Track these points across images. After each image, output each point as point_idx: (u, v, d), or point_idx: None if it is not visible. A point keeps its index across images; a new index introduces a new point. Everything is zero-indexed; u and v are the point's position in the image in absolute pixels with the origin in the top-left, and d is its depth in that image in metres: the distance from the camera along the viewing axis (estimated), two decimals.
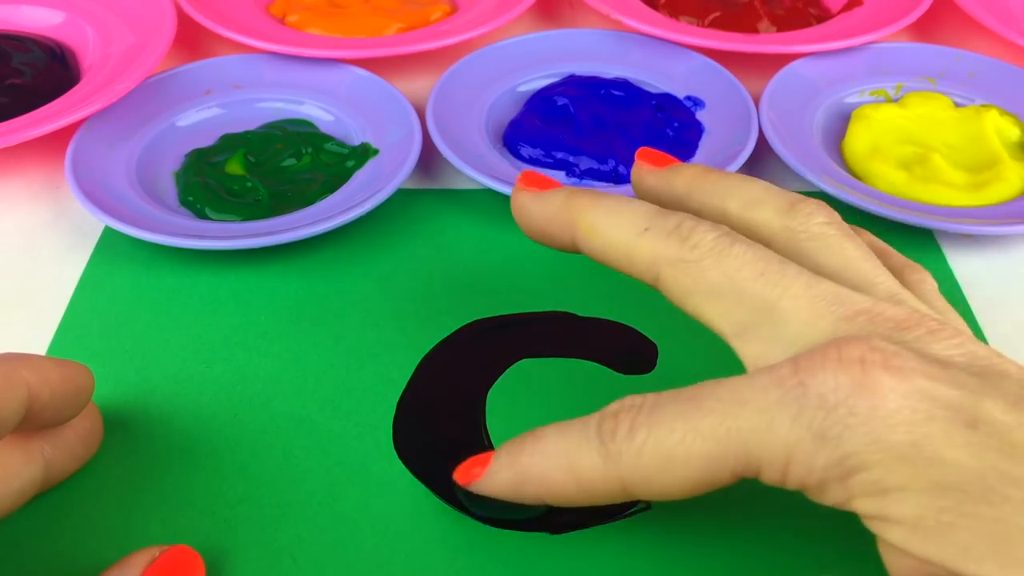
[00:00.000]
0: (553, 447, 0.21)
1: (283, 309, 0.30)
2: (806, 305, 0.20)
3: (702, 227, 0.21)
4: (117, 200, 0.32)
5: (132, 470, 0.25)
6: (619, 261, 0.23)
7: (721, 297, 0.21)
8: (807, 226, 0.22)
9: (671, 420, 0.19)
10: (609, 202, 0.23)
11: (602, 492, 0.20)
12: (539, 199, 0.24)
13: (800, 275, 0.20)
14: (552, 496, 0.21)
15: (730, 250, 0.21)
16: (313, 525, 0.24)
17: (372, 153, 0.35)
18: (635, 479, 0.19)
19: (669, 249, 0.21)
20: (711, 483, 0.19)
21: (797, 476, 0.18)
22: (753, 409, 0.18)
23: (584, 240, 0.23)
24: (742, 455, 0.18)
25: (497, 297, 0.31)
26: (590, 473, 0.20)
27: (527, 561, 0.23)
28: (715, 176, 0.24)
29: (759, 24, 0.43)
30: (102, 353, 0.28)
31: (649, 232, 0.22)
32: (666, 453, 0.19)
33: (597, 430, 0.20)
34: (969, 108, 0.38)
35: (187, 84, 0.38)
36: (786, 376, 0.18)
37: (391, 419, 0.27)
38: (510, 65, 0.40)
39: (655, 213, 0.22)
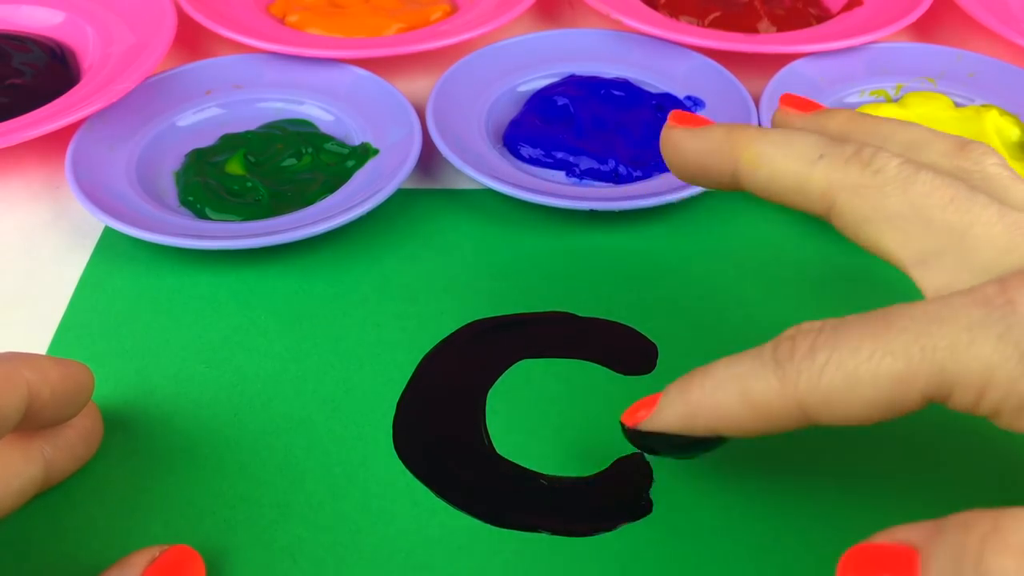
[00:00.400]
0: (724, 375, 0.20)
1: (283, 309, 0.30)
2: (1002, 233, 0.19)
3: (884, 153, 0.20)
4: (117, 200, 0.32)
5: (132, 470, 0.25)
6: (788, 191, 0.22)
7: (905, 224, 0.20)
8: (981, 166, 0.21)
9: (858, 339, 0.18)
10: (777, 133, 0.22)
11: (780, 417, 0.19)
12: (696, 133, 0.23)
13: (991, 204, 0.19)
14: (726, 425, 0.20)
15: (916, 176, 0.20)
16: (313, 525, 0.24)
17: (372, 153, 0.35)
18: (815, 400, 0.18)
19: (849, 175, 0.20)
20: (898, 406, 0.18)
21: (994, 399, 0.17)
22: (953, 327, 0.17)
23: (749, 171, 0.22)
24: (935, 375, 0.17)
25: (497, 297, 0.31)
26: (766, 396, 0.19)
27: (527, 561, 0.23)
28: (869, 120, 0.23)
29: (759, 24, 0.43)
30: (102, 353, 0.28)
31: (825, 159, 0.21)
32: (851, 372, 0.18)
33: (772, 353, 0.19)
34: (969, 108, 0.38)
35: (187, 84, 0.38)
36: (992, 295, 0.17)
37: (391, 419, 0.27)
38: (510, 65, 0.40)
39: (829, 141, 0.21)
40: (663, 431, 0.21)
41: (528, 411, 0.27)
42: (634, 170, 0.35)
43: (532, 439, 0.26)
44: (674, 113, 0.24)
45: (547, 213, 0.34)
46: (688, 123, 0.24)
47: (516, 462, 0.25)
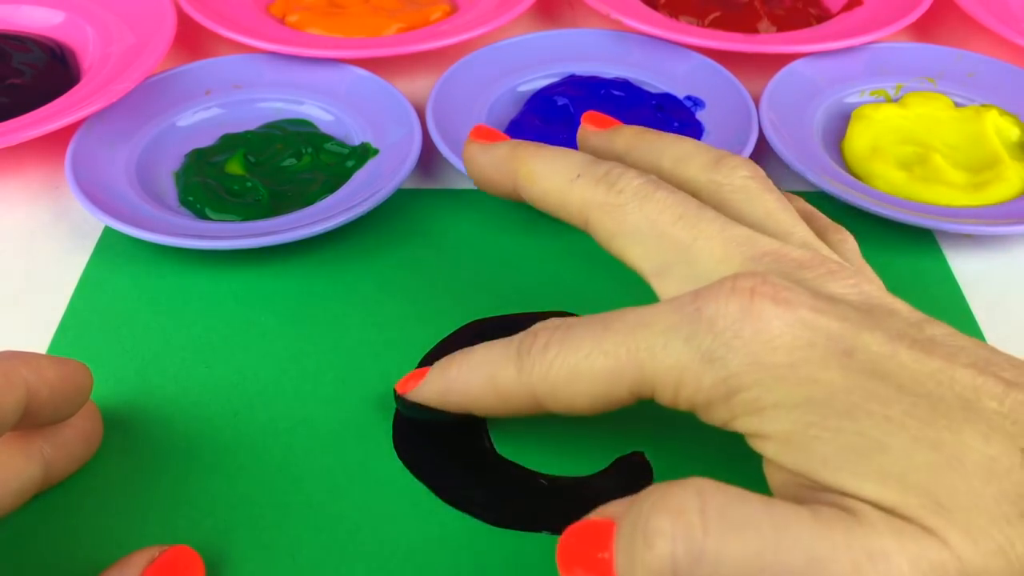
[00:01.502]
0: (478, 359, 0.23)
1: (283, 309, 0.30)
2: (719, 246, 0.21)
3: (629, 174, 0.23)
4: (117, 200, 0.32)
5: (132, 470, 0.25)
6: (554, 206, 0.24)
7: (642, 238, 0.22)
8: (731, 179, 0.23)
9: (580, 339, 0.20)
10: (548, 152, 0.25)
11: (516, 402, 0.22)
12: (486, 149, 0.26)
13: (716, 219, 0.22)
14: (473, 404, 0.23)
15: (653, 195, 0.22)
16: (313, 525, 0.24)
17: (372, 153, 0.35)
18: (544, 390, 0.21)
19: (597, 194, 0.23)
20: (610, 398, 0.20)
21: (687, 396, 0.19)
22: (652, 331, 0.20)
23: (524, 186, 0.25)
24: (638, 374, 0.20)
25: (497, 297, 0.31)
26: (506, 383, 0.22)
27: (527, 561, 0.23)
28: (651, 135, 0.26)
29: (759, 24, 0.43)
30: (102, 353, 0.28)
31: (581, 179, 0.23)
32: (572, 367, 0.20)
33: (517, 345, 0.22)
34: (969, 108, 0.38)
35: (187, 84, 0.38)
36: (686, 303, 0.20)
37: (391, 419, 0.27)
38: (510, 65, 0.40)
39: (589, 162, 0.24)
40: (423, 403, 0.24)
41: None
42: None
43: (532, 439, 0.26)
44: (475, 128, 0.27)
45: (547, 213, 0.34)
46: (484, 138, 0.27)
47: (516, 462, 0.25)
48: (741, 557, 0.16)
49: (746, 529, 0.17)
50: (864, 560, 0.16)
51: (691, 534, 0.16)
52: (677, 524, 0.17)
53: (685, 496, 0.17)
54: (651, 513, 0.17)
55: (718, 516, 0.17)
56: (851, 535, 0.17)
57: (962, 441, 0.17)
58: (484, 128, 0.27)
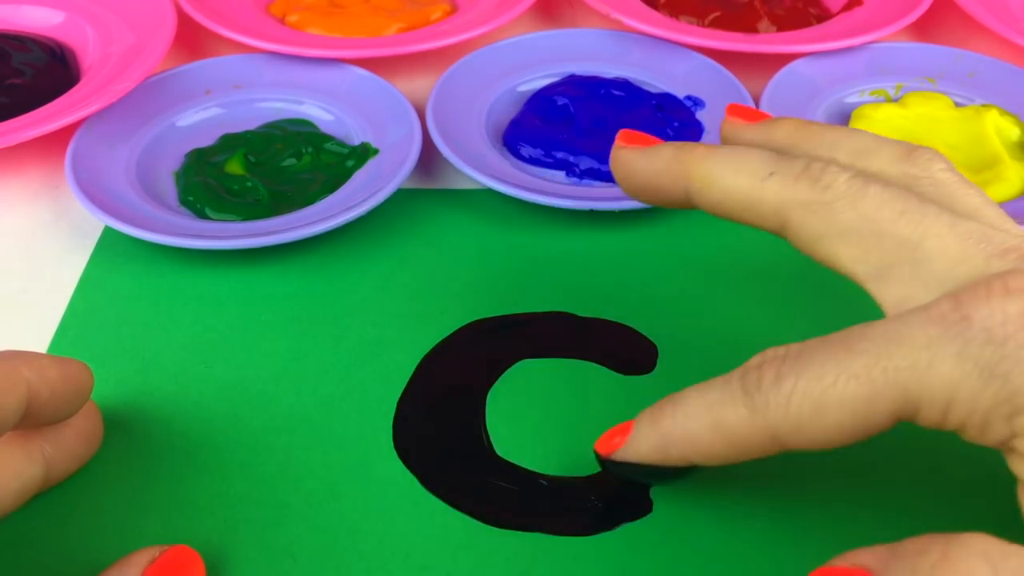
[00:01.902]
0: (695, 406, 0.20)
1: (283, 309, 0.30)
2: (953, 243, 0.19)
3: (833, 168, 0.20)
4: (117, 200, 0.32)
5: (132, 470, 0.25)
6: (740, 210, 0.22)
7: (858, 239, 0.20)
8: (929, 172, 0.21)
9: (821, 364, 0.18)
10: (726, 151, 0.22)
11: (752, 445, 0.19)
12: (646, 154, 0.23)
13: (942, 214, 0.19)
14: (700, 455, 0.20)
15: (866, 190, 0.20)
16: (313, 525, 0.24)
17: (372, 153, 0.35)
18: (786, 428, 0.19)
19: (799, 192, 0.20)
20: (867, 427, 0.18)
21: (959, 415, 0.17)
22: (912, 347, 0.17)
23: (700, 191, 0.22)
24: (900, 396, 0.17)
25: (497, 297, 0.31)
26: (737, 427, 0.19)
27: (527, 561, 0.23)
28: (817, 127, 0.23)
29: (759, 24, 0.43)
30: (102, 353, 0.28)
31: (775, 176, 0.21)
32: (817, 398, 0.18)
33: (741, 382, 0.19)
34: (969, 108, 0.38)
35: (187, 84, 0.38)
36: (947, 312, 0.17)
37: (391, 419, 0.27)
38: (510, 65, 0.40)
39: (778, 158, 0.21)
40: (637, 462, 0.21)
41: (528, 411, 0.27)
42: None
43: (532, 439, 0.26)
44: (622, 133, 0.24)
45: (547, 213, 0.34)
46: (637, 142, 0.24)
47: (516, 462, 0.25)
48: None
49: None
50: None
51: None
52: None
53: (975, 562, 0.15)
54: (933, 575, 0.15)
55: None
56: None
57: None
58: (633, 133, 0.24)
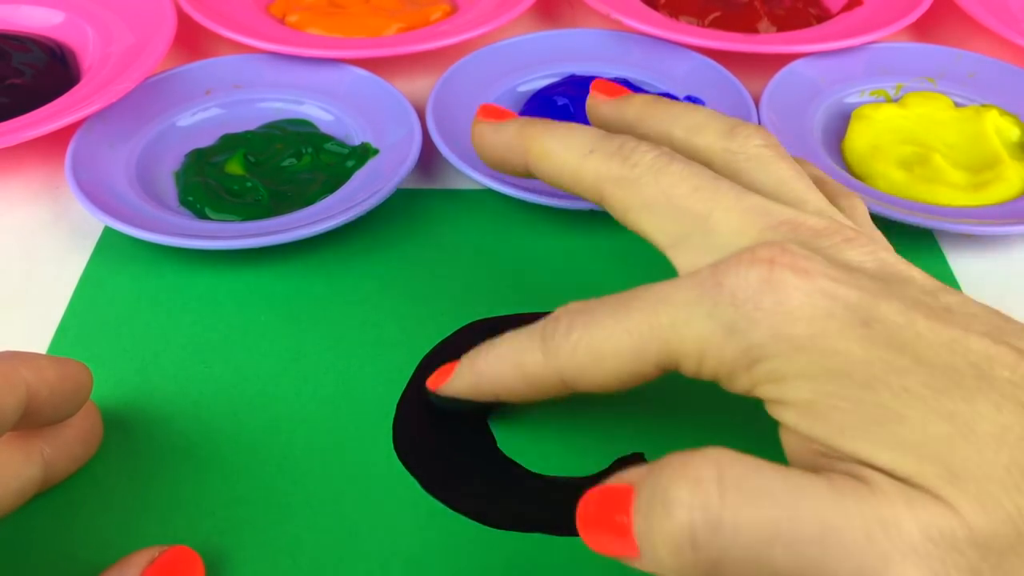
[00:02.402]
0: (505, 349, 0.23)
1: (283, 309, 0.30)
2: (736, 216, 0.21)
3: (642, 147, 0.23)
4: (117, 200, 0.32)
5: (132, 470, 0.25)
6: (567, 182, 0.24)
7: (658, 211, 0.22)
8: (745, 147, 0.24)
9: (602, 319, 0.21)
10: (559, 128, 0.25)
11: (545, 386, 0.22)
12: (496, 128, 0.26)
13: (732, 189, 0.22)
14: (504, 391, 0.23)
15: (668, 168, 0.22)
16: (313, 525, 0.24)
17: (372, 153, 0.35)
18: (571, 372, 0.21)
19: (611, 168, 0.23)
20: (636, 374, 0.21)
21: (710, 367, 0.20)
22: (674, 306, 0.20)
23: (536, 164, 0.25)
24: (663, 349, 0.20)
25: (497, 297, 0.31)
26: (534, 369, 0.22)
27: (527, 561, 0.23)
28: (663, 104, 0.26)
29: (759, 24, 0.43)
30: (102, 353, 0.28)
31: (594, 153, 0.23)
32: (597, 348, 0.21)
33: (541, 331, 0.22)
34: (969, 108, 0.38)
35: (187, 84, 0.38)
36: (706, 277, 0.20)
37: (391, 419, 0.27)
38: (510, 65, 0.40)
39: (601, 136, 0.24)
40: (455, 396, 0.24)
41: (528, 411, 0.27)
42: None
43: (532, 439, 0.26)
44: (482, 107, 0.27)
45: (547, 213, 0.34)
46: (492, 117, 0.27)
47: (516, 462, 0.25)
48: (758, 526, 0.17)
49: (762, 498, 0.17)
50: (876, 528, 0.17)
51: (709, 503, 0.17)
52: (695, 494, 0.17)
53: (704, 465, 0.17)
54: (670, 482, 0.17)
55: (735, 486, 0.17)
56: (864, 503, 0.17)
57: (975, 411, 0.17)
58: (491, 107, 0.27)
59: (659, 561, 0.17)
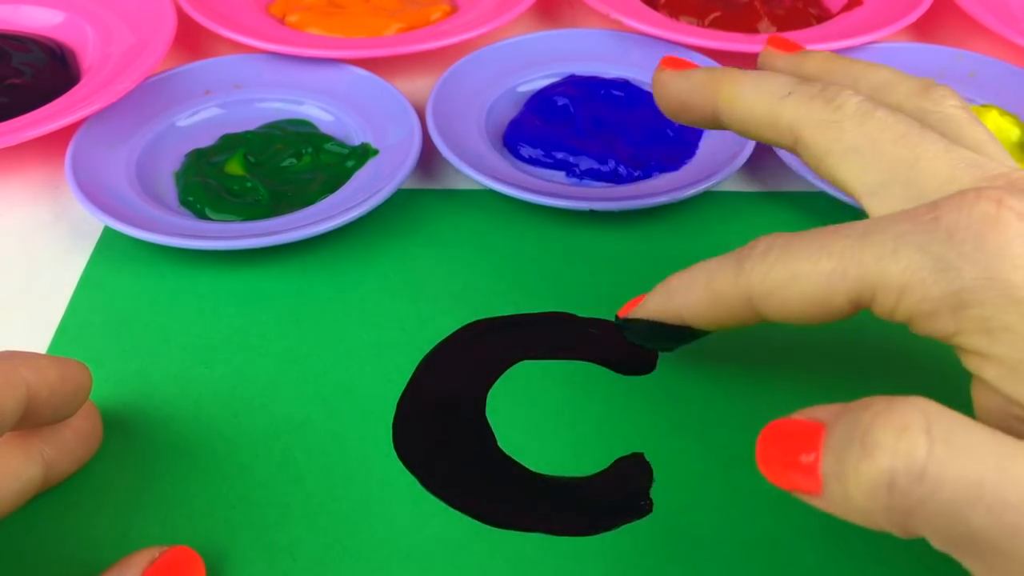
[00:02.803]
0: (700, 270, 0.22)
1: (283, 309, 0.30)
2: (945, 165, 0.20)
3: (846, 91, 0.22)
4: (117, 200, 0.32)
5: (132, 470, 0.25)
6: (760, 127, 0.23)
7: (860, 156, 0.21)
8: (941, 107, 0.23)
9: (806, 244, 0.20)
10: (752, 74, 0.24)
11: (731, 307, 0.21)
12: (681, 75, 0.25)
13: (940, 140, 0.21)
14: (691, 310, 0.23)
15: (873, 113, 0.21)
16: (313, 525, 0.24)
17: (372, 153, 0.35)
18: (760, 291, 0.20)
19: (812, 111, 0.22)
20: (828, 305, 0.20)
21: (909, 304, 0.18)
22: (882, 237, 0.19)
23: (726, 108, 0.24)
24: (863, 278, 0.19)
25: (497, 297, 0.31)
26: (724, 286, 0.21)
27: (527, 561, 0.23)
28: (844, 61, 0.25)
29: (759, 24, 0.43)
30: (102, 353, 0.28)
31: (793, 96, 0.23)
32: (792, 270, 0.20)
33: (738, 253, 0.21)
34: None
35: (187, 84, 0.38)
36: (922, 212, 0.19)
37: (391, 419, 0.27)
38: (510, 65, 0.40)
39: (798, 81, 0.23)
40: (645, 318, 0.24)
41: (528, 411, 0.27)
42: (634, 170, 0.35)
43: (532, 439, 0.26)
44: (665, 58, 0.26)
45: (547, 213, 0.34)
46: (676, 66, 0.26)
47: (516, 462, 0.25)
48: (963, 483, 0.16)
49: (970, 455, 0.16)
50: None
51: (914, 452, 0.16)
52: (901, 440, 0.16)
53: (911, 413, 0.16)
54: (872, 424, 0.17)
55: (944, 439, 0.16)
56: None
57: None
58: (674, 58, 0.26)
59: (848, 502, 0.17)
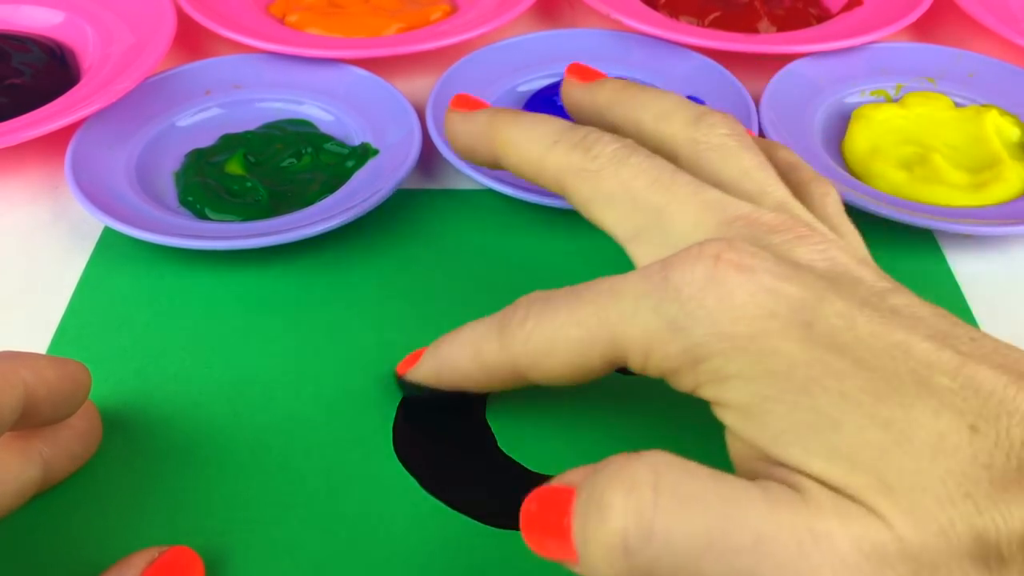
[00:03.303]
0: (465, 336, 0.23)
1: (283, 309, 0.30)
2: (692, 210, 0.21)
3: (604, 139, 0.23)
4: (117, 200, 0.32)
5: (132, 470, 0.25)
6: (532, 174, 0.24)
7: (617, 203, 0.22)
8: (709, 136, 0.23)
9: (555, 311, 0.21)
10: (526, 119, 0.25)
11: (500, 375, 0.22)
12: (466, 118, 0.26)
13: (690, 183, 0.22)
14: (463, 380, 0.23)
15: (628, 160, 0.22)
16: (313, 525, 0.24)
17: (372, 153, 0.35)
18: (524, 362, 0.21)
19: (573, 160, 0.23)
20: (586, 368, 0.21)
21: (655, 362, 0.19)
22: (623, 299, 0.20)
23: (502, 155, 0.25)
24: (610, 341, 0.20)
25: (497, 297, 0.30)
26: (489, 356, 0.22)
27: (527, 561, 0.23)
28: (634, 90, 0.26)
29: (759, 24, 0.43)
30: (102, 353, 0.28)
31: (558, 144, 0.23)
32: (549, 338, 0.21)
33: (500, 320, 0.22)
34: (969, 108, 0.38)
35: (187, 84, 0.38)
36: (654, 271, 0.19)
37: (391, 420, 0.27)
38: (510, 65, 0.40)
39: (565, 128, 0.24)
40: (419, 382, 0.25)
41: (528, 411, 0.27)
42: None
43: (532, 439, 0.26)
44: (456, 96, 0.27)
45: (547, 213, 0.34)
46: (463, 106, 0.26)
47: (516, 461, 0.25)
48: (690, 534, 0.16)
49: (695, 506, 0.17)
50: (808, 540, 0.16)
51: (642, 509, 0.16)
52: (629, 499, 0.17)
53: (640, 469, 0.17)
54: (607, 485, 0.17)
55: (669, 491, 0.17)
56: (796, 514, 0.17)
57: (913, 418, 0.17)
58: (464, 96, 0.27)
59: (594, 568, 0.17)
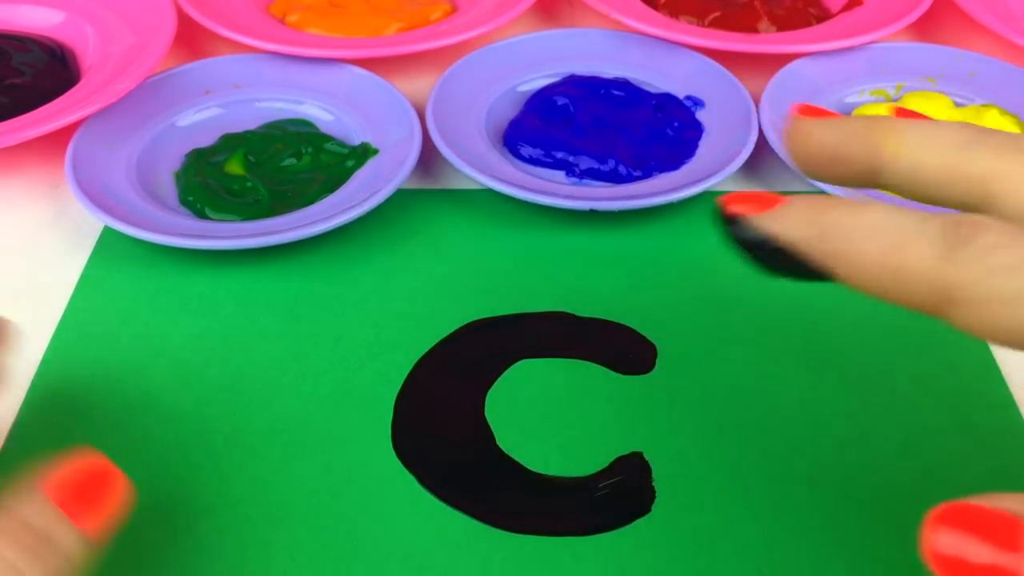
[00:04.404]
0: (880, 219, 0.18)
1: (283, 309, 0.30)
2: None
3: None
4: (117, 200, 0.32)
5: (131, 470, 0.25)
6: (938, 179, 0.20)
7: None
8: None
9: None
10: (922, 122, 0.20)
11: (918, 292, 0.17)
12: (831, 123, 0.21)
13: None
14: (855, 268, 0.18)
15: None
16: (313, 525, 0.24)
17: (372, 153, 0.35)
18: (967, 296, 0.17)
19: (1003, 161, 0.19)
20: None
21: None
22: None
23: (893, 160, 0.20)
24: None
25: (497, 297, 0.31)
26: (918, 265, 0.17)
27: (527, 561, 0.23)
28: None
29: (759, 24, 0.43)
30: (102, 353, 0.28)
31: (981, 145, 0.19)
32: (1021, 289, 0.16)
33: (942, 229, 0.17)
34: (969, 108, 0.38)
35: (187, 84, 0.38)
36: None
37: (391, 419, 0.27)
38: (510, 65, 0.40)
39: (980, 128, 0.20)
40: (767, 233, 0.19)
41: (528, 411, 0.27)
42: (634, 170, 0.35)
43: (532, 439, 0.26)
44: (799, 105, 0.22)
45: (547, 213, 0.34)
46: (817, 115, 0.22)
47: (515, 461, 0.25)
48: None
49: None
50: None
51: None
52: None
53: None
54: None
55: None
56: None
57: None
58: (809, 106, 0.22)
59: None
